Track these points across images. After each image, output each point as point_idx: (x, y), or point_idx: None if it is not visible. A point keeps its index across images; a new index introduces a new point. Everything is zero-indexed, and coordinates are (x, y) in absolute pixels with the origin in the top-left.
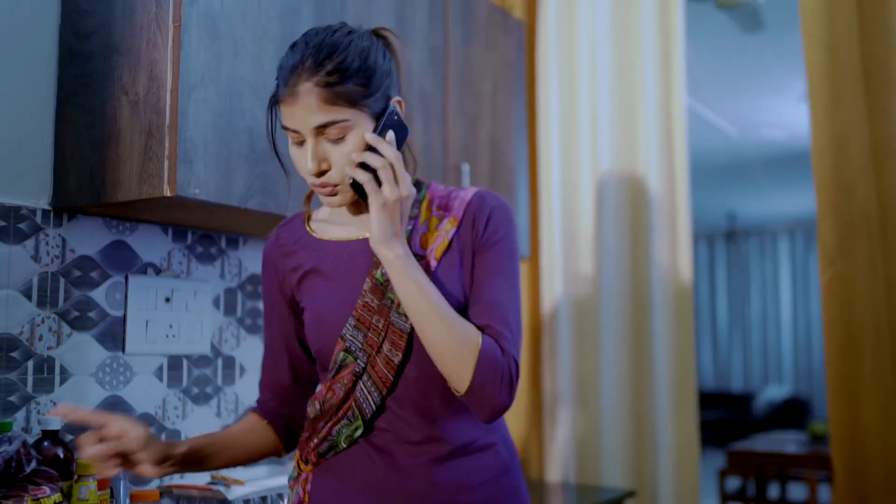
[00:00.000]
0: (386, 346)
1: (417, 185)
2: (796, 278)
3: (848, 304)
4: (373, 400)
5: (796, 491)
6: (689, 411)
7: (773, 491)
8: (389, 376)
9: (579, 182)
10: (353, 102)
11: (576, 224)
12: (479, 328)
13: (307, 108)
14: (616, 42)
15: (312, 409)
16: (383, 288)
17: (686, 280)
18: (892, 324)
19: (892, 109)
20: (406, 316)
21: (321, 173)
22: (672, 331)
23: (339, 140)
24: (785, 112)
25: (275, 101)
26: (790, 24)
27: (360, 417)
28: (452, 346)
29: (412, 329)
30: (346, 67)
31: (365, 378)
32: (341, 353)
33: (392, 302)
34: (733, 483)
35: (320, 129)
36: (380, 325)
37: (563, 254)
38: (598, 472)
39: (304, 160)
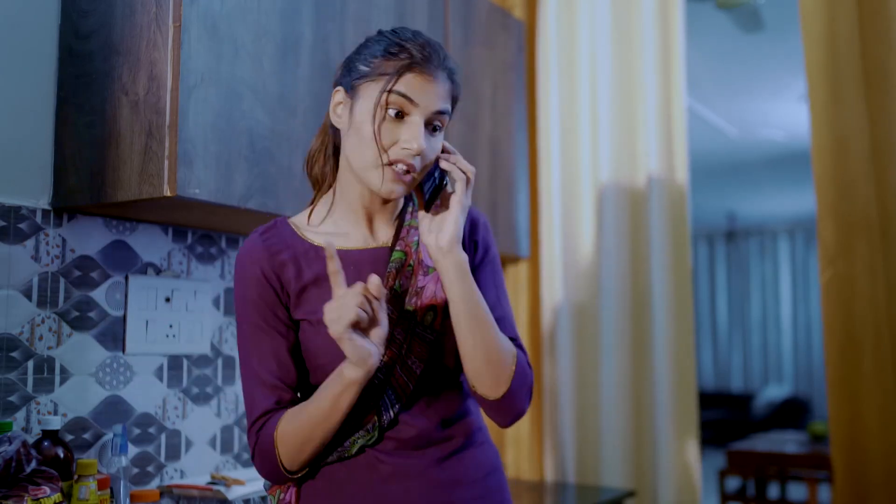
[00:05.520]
0: (409, 358)
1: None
2: (796, 278)
3: (848, 304)
4: (393, 411)
5: (796, 491)
6: (689, 411)
7: (773, 491)
8: (410, 386)
9: (579, 182)
10: (452, 107)
11: (576, 224)
12: None
13: (438, 89)
14: (616, 42)
15: None
16: (400, 299)
17: (686, 280)
18: (892, 324)
19: (892, 109)
20: (431, 329)
21: (415, 155)
22: (672, 331)
23: (434, 133)
24: (785, 112)
25: (407, 67)
26: (790, 24)
27: (378, 428)
28: (498, 353)
29: (433, 341)
30: (458, 76)
31: (387, 390)
32: None
33: (411, 314)
34: (733, 483)
35: (433, 116)
36: (400, 338)
37: (563, 254)
38: (598, 472)
39: (395, 135)
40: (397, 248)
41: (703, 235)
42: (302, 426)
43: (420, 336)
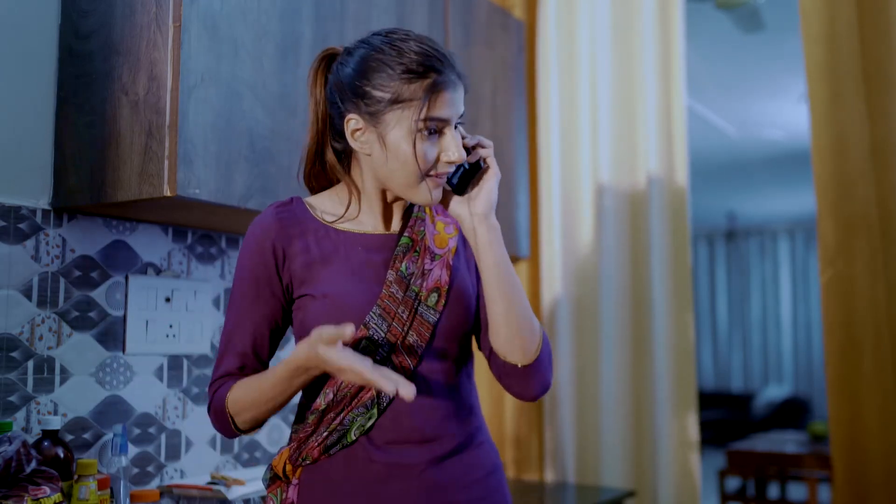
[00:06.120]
0: (412, 337)
1: None
2: (796, 278)
3: (848, 304)
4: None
5: (796, 491)
6: (689, 411)
7: (773, 491)
8: (411, 365)
9: (579, 182)
10: None
11: (576, 224)
12: None
13: (460, 96)
14: (616, 42)
15: (323, 398)
16: (407, 281)
17: (686, 280)
18: (892, 324)
19: (892, 109)
20: (434, 309)
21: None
22: (672, 330)
23: (456, 129)
24: (785, 112)
25: (432, 87)
26: (790, 24)
27: (376, 406)
28: (530, 319)
29: (437, 322)
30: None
31: (388, 366)
32: (363, 342)
33: (416, 294)
34: (733, 483)
35: (458, 121)
36: (404, 316)
37: (563, 254)
38: (598, 472)
39: (435, 149)
40: (405, 234)
41: (703, 235)
42: (253, 396)
43: (423, 316)
